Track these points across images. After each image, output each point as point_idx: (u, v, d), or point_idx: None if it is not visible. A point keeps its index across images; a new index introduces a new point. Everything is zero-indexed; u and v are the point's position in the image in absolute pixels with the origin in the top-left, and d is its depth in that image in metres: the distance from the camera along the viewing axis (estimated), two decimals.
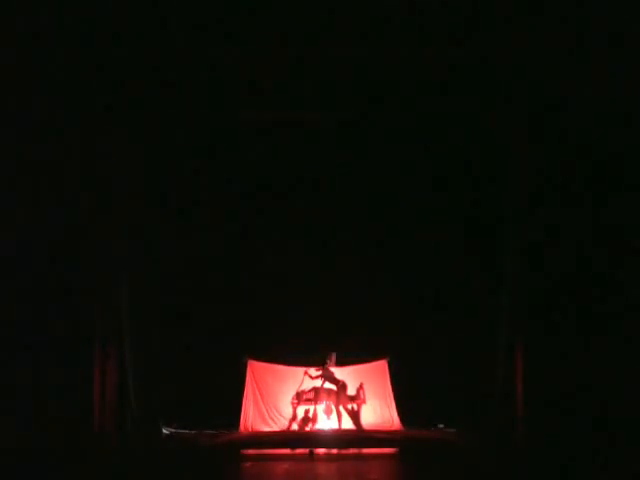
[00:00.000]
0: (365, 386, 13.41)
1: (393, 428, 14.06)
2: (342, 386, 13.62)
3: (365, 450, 12.43)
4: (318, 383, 13.83)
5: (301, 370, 14.12)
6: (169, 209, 14.49)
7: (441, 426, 14.62)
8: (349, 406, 13.24)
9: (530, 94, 12.45)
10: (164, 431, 13.86)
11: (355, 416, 13.13)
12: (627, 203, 11.74)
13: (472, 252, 14.26)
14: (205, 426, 14.09)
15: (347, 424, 13.76)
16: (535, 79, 12.25)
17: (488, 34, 11.89)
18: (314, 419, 13.42)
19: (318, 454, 11.87)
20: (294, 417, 13.46)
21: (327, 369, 13.36)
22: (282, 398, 14.31)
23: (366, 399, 13.51)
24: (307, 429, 13.18)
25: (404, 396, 14.48)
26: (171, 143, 14.11)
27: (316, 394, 13.52)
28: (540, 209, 12.53)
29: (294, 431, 13.40)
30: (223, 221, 14.80)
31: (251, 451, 12.50)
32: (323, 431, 13.56)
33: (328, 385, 13.77)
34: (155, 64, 12.32)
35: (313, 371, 13.54)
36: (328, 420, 13.82)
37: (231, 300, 14.81)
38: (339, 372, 13.93)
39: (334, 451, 12.30)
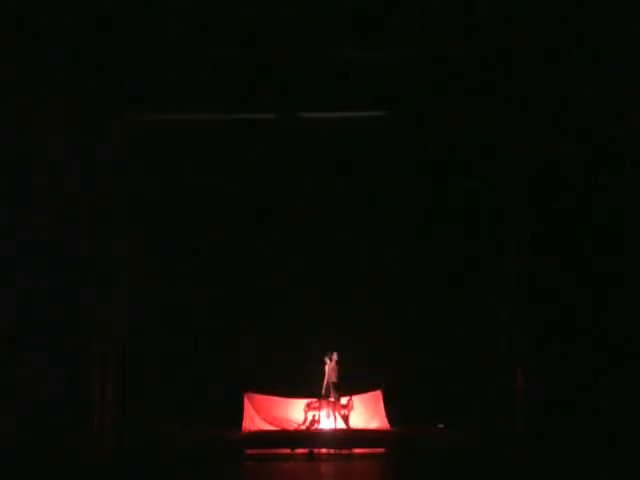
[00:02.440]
0: (362, 415, 15.05)
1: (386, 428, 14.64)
2: (337, 397, 15.07)
3: (364, 450, 12.55)
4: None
5: (299, 401, 14.81)
6: (169, 209, 14.51)
7: (441, 426, 14.64)
8: (342, 412, 14.81)
9: (530, 95, 12.45)
10: (166, 431, 13.85)
11: (346, 419, 14.77)
12: (628, 201, 11.73)
13: (472, 252, 14.28)
14: (206, 426, 14.10)
15: (341, 425, 14.84)
16: (535, 80, 12.25)
17: (488, 34, 11.89)
18: (318, 421, 14.78)
19: (318, 454, 11.99)
20: (305, 419, 14.78)
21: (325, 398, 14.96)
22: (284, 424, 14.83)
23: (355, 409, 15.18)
24: (314, 428, 14.69)
25: (404, 396, 14.50)
26: (171, 143, 14.12)
27: (320, 403, 15.11)
28: (540, 209, 12.53)
29: (303, 429, 14.54)
30: (223, 221, 14.82)
31: (252, 451, 12.56)
32: (324, 430, 14.43)
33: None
34: (155, 64, 12.33)
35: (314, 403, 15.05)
36: (327, 421, 14.75)
37: (231, 299, 14.84)
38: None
39: (332, 451, 12.63)
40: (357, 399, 14.84)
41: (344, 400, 14.85)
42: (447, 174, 14.54)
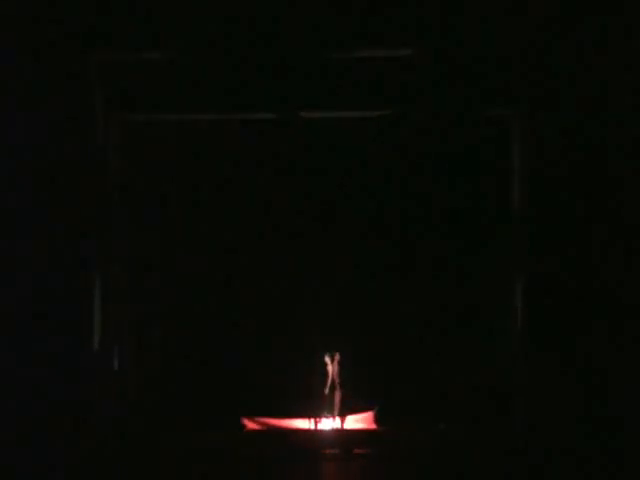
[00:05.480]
0: None
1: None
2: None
3: (364, 451, 12.63)
4: None
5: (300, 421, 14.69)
6: (169, 209, 14.54)
7: (442, 426, 14.61)
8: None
9: (530, 93, 12.46)
10: (168, 431, 13.85)
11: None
12: (629, 200, 11.71)
13: (472, 252, 14.29)
14: (208, 425, 14.09)
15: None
16: (535, 78, 12.26)
17: (488, 34, 11.91)
18: (320, 420, 14.72)
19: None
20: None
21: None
22: None
23: None
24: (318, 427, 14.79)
25: (404, 396, 14.50)
26: (171, 143, 14.15)
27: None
28: (540, 208, 12.54)
29: (310, 429, 14.59)
30: (223, 221, 14.83)
31: (254, 450, 12.62)
32: (324, 429, 14.43)
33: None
34: (155, 63, 12.36)
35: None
36: (327, 420, 14.62)
37: (231, 299, 14.86)
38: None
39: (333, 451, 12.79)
40: (348, 420, 14.61)
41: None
42: (447, 174, 14.52)
